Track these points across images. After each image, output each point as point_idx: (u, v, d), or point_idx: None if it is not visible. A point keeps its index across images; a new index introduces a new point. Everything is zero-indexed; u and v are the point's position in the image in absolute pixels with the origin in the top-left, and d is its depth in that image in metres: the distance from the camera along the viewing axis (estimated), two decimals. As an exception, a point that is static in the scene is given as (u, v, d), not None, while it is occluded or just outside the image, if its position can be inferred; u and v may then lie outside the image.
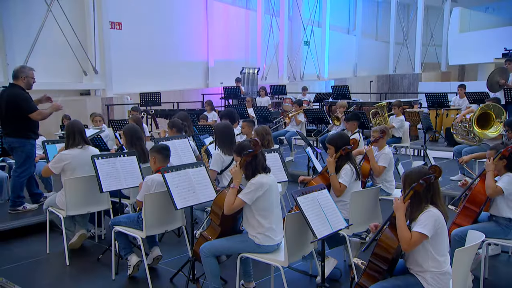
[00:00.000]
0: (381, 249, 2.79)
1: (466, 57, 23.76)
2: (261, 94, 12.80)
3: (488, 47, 21.92)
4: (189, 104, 14.62)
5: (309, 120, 9.20)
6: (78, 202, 4.81)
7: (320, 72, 21.61)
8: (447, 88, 21.68)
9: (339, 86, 11.97)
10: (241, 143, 3.67)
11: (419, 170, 2.87)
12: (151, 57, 15.28)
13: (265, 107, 10.43)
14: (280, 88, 14.47)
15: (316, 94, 13.64)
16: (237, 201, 3.50)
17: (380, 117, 8.72)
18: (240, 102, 12.46)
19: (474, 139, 7.22)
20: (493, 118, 6.94)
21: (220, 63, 17.82)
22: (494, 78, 9.70)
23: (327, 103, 12.10)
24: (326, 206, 3.41)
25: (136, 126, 5.44)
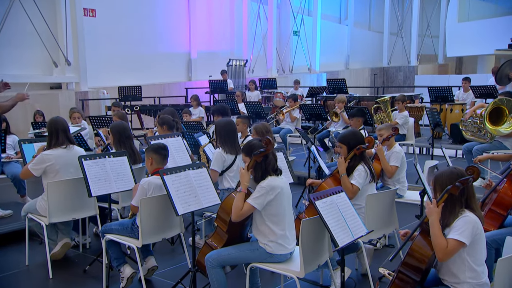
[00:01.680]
0: (413, 258, 2.75)
1: (465, 48, 24.06)
2: (251, 88, 12.72)
3: (488, 38, 22.23)
4: (171, 99, 14.45)
5: (306, 116, 9.15)
6: (62, 208, 4.68)
7: (311, 65, 21.62)
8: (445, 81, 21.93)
9: (334, 80, 11.96)
10: (251, 142, 3.60)
11: (451, 171, 2.84)
12: (129, 47, 15.05)
13: (257, 102, 10.35)
14: (270, 82, 14.41)
15: (310, 88, 13.62)
16: (245, 207, 3.42)
17: (383, 112, 8.73)
18: (228, 96, 12.36)
19: (485, 136, 7.26)
20: (506, 113, 6.98)
21: (203, 54, 17.67)
22: (505, 71, 9.82)
23: (322, 97, 12.08)
24: (346, 210, 3.36)
25: (124, 124, 5.33)
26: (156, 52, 16.11)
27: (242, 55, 18.78)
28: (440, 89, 10.68)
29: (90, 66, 13.70)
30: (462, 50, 24.48)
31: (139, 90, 12.05)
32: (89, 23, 13.69)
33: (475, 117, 7.54)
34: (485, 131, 7.25)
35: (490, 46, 22.77)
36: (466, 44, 23.61)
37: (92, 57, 13.80)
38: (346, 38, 24.56)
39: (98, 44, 14.03)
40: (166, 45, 16.56)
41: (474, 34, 23.06)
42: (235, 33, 19.14)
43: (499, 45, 22.18)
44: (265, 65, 19.91)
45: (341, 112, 8.93)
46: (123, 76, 14.68)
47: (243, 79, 15.95)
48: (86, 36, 13.42)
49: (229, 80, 13.94)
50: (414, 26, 25.68)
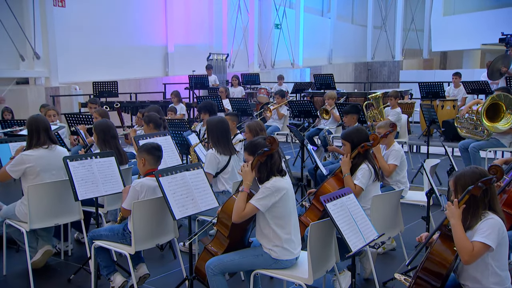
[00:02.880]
0: (433, 263, 2.74)
1: (450, 43, 24.41)
2: (234, 83, 12.65)
3: (474, 32, 22.60)
4: (149, 95, 14.28)
5: (294, 113, 9.13)
6: (44, 213, 4.54)
7: (294, 59, 21.64)
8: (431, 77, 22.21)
9: (321, 75, 11.98)
10: (254, 141, 3.54)
11: (472, 171, 2.83)
12: (102, 40, 14.80)
13: (242, 99, 10.29)
14: (252, 77, 14.36)
15: (295, 84, 13.61)
16: (248, 208, 3.37)
17: (375, 109, 8.76)
18: (211, 92, 12.26)
19: (482, 133, 7.34)
20: (503, 109, 7.08)
21: (181, 48, 17.52)
22: (496, 66, 9.97)
23: (308, 93, 12.08)
24: (356, 213, 3.34)
25: (109, 122, 5.23)
26: (131, 45, 15.90)
27: (221, 49, 18.68)
28: (430, 85, 10.78)
29: (60, 60, 13.43)
30: (448, 45, 24.84)
31: (115, 86, 11.85)
32: (59, 13, 13.41)
33: (471, 114, 7.61)
34: (482, 128, 7.32)
35: (476, 40, 23.16)
36: (452, 38, 23.94)
37: (63, 50, 13.53)
38: (329, 31, 24.68)
39: (69, 37, 13.76)
40: (141, 37, 16.35)
41: (460, 28, 23.40)
42: (214, 26, 19.02)
43: (486, 40, 22.60)
44: (246, 60, 19.86)
45: (332, 109, 8.94)
46: (96, 71, 14.44)
47: (224, 74, 15.87)
48: (56, 28, 13.15)
49: (213, 76, 13.82)
50: (398, 19, 25.95)
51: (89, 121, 7.51)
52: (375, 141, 4.29)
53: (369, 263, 4.44)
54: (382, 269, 4.57)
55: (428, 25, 26.68)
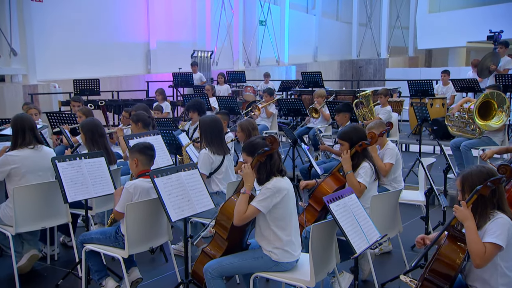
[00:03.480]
0: (441, 264, 2.73)
1: (436, 40, 24.62)
2: (220, 81, 12.59)
3: (460, 30, 22.82)
4: (131, 93, 14.13)
5: (284, 112, 9.12)
6: (31, 216, 4.46)
7: (279, 57, 21.63)
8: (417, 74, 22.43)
9: (309, 73, 11.99)
10: (252, 141, 3.51)
11: (479, 170, 2.84)
12: (82, 37, 14.61)
13: (230, 97, 10.25)
14: (238, 75, 14.31)
15: (282, 82, 13.61)
16: (249, 210, 3.34)
17: (365, 107, 8.80)
18: (196, 90, 12.19)
19: (474, 132, 7.42)
20: (494, 107, 7.16)
21: (163, 45, 17.39)
22: (486, 63, 10.09)
23: (296, 92, 12.08)
24: (358, 214, 3.34)
25: (96, 121, 5.16)
26: (111, 41, 15.72)
27: (205, 46, 18.58)
28: (419, 83, 10.84)
29: (39, 56, 13.23)
30: (433, 42, 25.04)
31: (96, 84, 11.71)
32: (37, 8, 13.20)
33: (462, 112, 7.68)
34: (474, 126, 7.40)
35: (462, 38, 23.40)
36: (437, 36, 24.15)
37: (41, 47, 13.33)
38: (314, 28, 24.73)
39: (48, 33, 13.56)
40: (122, 34, 16.18)
41: (446, 26, 23.61)
42: (198, 23, 18.92)
43: (472, 37, 22.86)
44: (230, 57, 19.80)
45: (321, 108, 8.95)
46: (76, 68, 14.26)
47: (209, 71, 15.80)
48: (34, 23, 12.93)
49: (199, 73, 13.74)
50: (384, 16, 26.10)
51: (73, 120, 7.41)
52: (373, 139, 4.29)
53: (367, 265, 4.45)
54: (379, 271, 4.57)
55: (414, 23, 26.88)
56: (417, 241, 3.01)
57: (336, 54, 25.93)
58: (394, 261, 4.91)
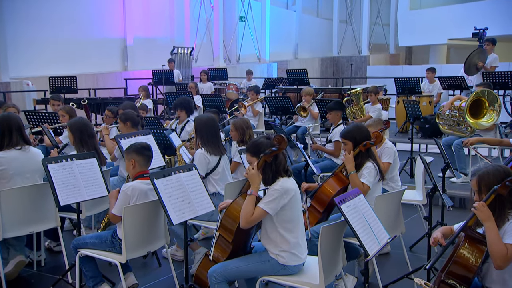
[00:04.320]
0: (459, 266, 2.74)
1: (417, 37, 24.94)
2: (203, 79, 12.51)
3: (441, 27, 23.14)
4: (109, 91, 13.95)
5: (271, 110, 9.10)
6: (18, 220, 4.36)
7: (260, 54, 21.61)
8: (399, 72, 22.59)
9: (295, 70, 11.98)
10: (256, 141, 3.48)
11: (495, 169, 2.86)
12: (55, 32, 14.34)
13: (216, 95, 10.18)
14: (219, 72, 14.25)
15: (266, 80, 13.59)
16: (257, 212, 3.31)
17: (355, 105, 8.84)
18: (178, 88, 12.08)
19: (465, 130, 7.51)
20: (485, 105, 7.26)
21: (140, 41, 17.22)
22: (473, 60, 10.22)
23: (281, 89, 12.08)
24: (368, 214, 3.33)
25: (85, 120, 5.07)
26: (86, 37, 15.47)
27: (184, 42, 18.45)
28: (406, 81, 10.96)
29: (11, 53, 12.95)
30: (415, 40, 25.35)
31: (73, 81, 11.52)
32: (8, 2, 12.92)
33: (453, 110, 7.77)
34: (465, 124, 7.49)
35: (443, 35, 23.73)
36: (419, 33, 24.45)
37: (13, 43, 13.05)
38: (294, 25, 24.78)
39: (20, 28, 13.28)
40: (98, 30, 15.95)
41: (427, 23, 23.91)
42: (176, 18, 18.78)
43: (453, 34, 23.20)
44: (209, 54, 19.70)
45: (309, 107, 8.96)
46: (50, 65, 14.01)
47: (189, 69, 15.69)
48: (5, 18, 12.65)
49: (176, 71, 13.63)
50: (364, 13, 26.29)
51: (53, 119, 7.26)
52: (377, 138, 4.29)
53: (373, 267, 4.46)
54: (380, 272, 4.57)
55: (394, 19, 27.17)
56: (432, 240, 3.01)
57: (317, 51, 26.04)
58: (394, 262, 4.93)
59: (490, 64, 10.50)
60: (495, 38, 10.99)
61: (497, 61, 10.71)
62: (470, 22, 21.02)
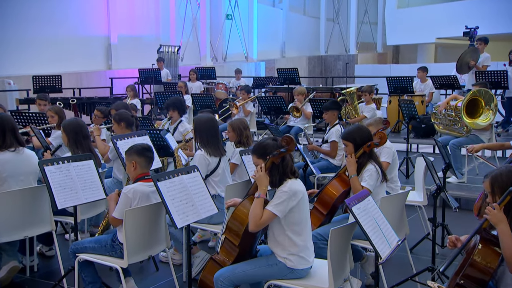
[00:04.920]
0: (475, 269, 2.74)
1: (405, 36, 25.12)
2: (192, 78, 12.45)
3: (429, 25, 23.34)
4: (94, 90, 13.80)
5: (264, 110, 9.09)
6: (12, 225, 4.28)
7: (247, 52, 21.59)
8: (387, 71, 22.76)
9: (285, 69, 11.98)
10: (263, 143, 3.46)
11: (508, 170, 2.88)
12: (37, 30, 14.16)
13: (207, 94, 10.14)
14: (207, 71, 14.20)
15: (255, 79, 13.58)
16: (265, 215, 3.29)
17: (349, 105, 8.87)
18: (167, 88, 12.01)
19: (461, 130, 7.57)
20: (482, 105, 7.33)
21: (125, 39, 17.10)
22: (465, 59, 10.32)
23: (271, 89, 12.07)
24: (378, 217, 3.33)
25: (80, 121, 5.03)
26: (69, 35, 15.31)
27: (169, 41, 18.36)
28: (398, 80, 11.01)
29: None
30: (402, 38, 25.55)
31: (58, 80, 11.38)
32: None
33: (449, 109, 7.83)
34: (461, 124, 7.55)
35: (431, 34, 23.95)
36: (407, 31, 24.63)
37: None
38: (281, 23, 24.81)
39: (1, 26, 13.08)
40: (81, 27, 15.79)
41: (415, 21, 24.10)
42: (161, 16, 18.69)
43: (441, 33, 23.42)
44: (195, 53, 19.64)
45: (302, 106, 8.96)
46: (33, 64, 13.84)
47: (176, 68, 15.62)
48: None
49: (165, 70, 13.55)
50: (352, 11, 26.41)
51: (42, 119, 7.16)
52: (382, 139, 4.30)
53: (370, 268, 4.46)
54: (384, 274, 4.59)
55: (382, 18, 27.34)
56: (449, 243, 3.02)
57: (304, 50, 26.10)
58: (396, 264, 4.94)
59: (482, 63, 10.61)
60: (487, 37, 11.11)
61: (489, 60, 10.83)
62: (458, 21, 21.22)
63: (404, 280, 4.23)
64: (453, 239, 3.03)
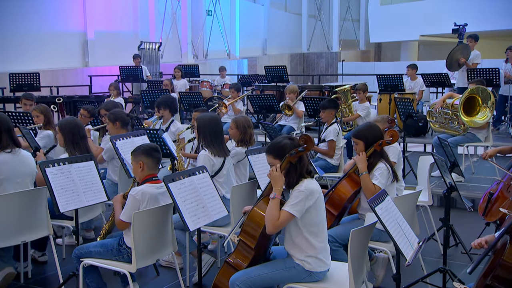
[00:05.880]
0: (506, 270, 2.77)
1: (388, 33, 25.29)
2: (177, 76, 12.38)
3: (413, 23, 23.56)
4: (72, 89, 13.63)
5: (255, 108, 9.08)
6: (9, 229, 4.20)
7: (230, 50, 21.55)
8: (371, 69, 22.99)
9: (273, 67, 12.00)
10: (279, 142, 3.44)
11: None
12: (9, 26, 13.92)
13: (196, 93, 10.09)
14: (191, 69, 14.14)
15: (241, 77, 13.56)
16: (283, 216, 3.29)
17: (343, 103, 8.92)
18: (151, 85, 11.92)
19: (458, 128, 7.67)
20: (479, 103, 7.45)
21: (102, 35, 16.94)
22: (455, 56, 10.47)
23: (258, 87, 12.07)
24: (398, 217, 3.36)
25: (77, 120, 4.97)
26: (43, 31, 15.10)
27: (149, 37, 18.23)
28: (389, 78, 11.09)
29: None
30: (386, 36, 25.70)
31: (36, 78, 11.23)
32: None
33: (445, 108, 7.92)
34: (458, 122, 7.65)
35: (415, 31, 24.18)
36: (390, 29, 24.80)
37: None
38: (262, 19, 24.82)
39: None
40: (55, 23, 15.58)
41: (399, 19, 24.29)
42: (139, 11, 18.54)
43: (425, 30, 23.67)
44: (175, 49, 19.52)
45: (294, 105, 8.99)
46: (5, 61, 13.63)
47: (157, 65, 15.51)
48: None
49: (144, 67, 13.44)
50: (335, 8, 26.52)
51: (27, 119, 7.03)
52: (394, 137, 4.33)
53: (380, 270, 4.50)
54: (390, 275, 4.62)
55: (364, 15, 27.53)
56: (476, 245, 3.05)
57: (286, 47, 26.16)
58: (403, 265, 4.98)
59: (472, 61, 10.77)
60: (477, 35, 11.28)
61: (479, 57, 11.01)
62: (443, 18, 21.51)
63: (415, 282, 4.27)
64: (482, 243, 3.05)
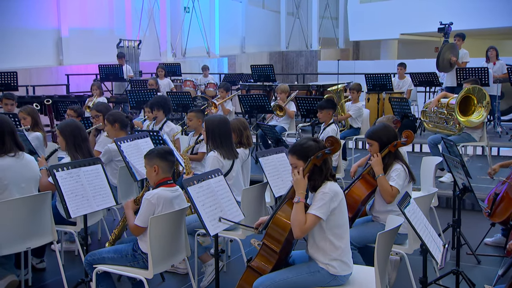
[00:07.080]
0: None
1: (368, 32, 25.59)
2: (160, 75, 12.30)
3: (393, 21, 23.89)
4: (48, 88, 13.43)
5: (245, 108, 9.10)
6: (14, 235, 4.15)
7: (209, 48, 21.52)
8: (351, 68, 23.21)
9: (260, 66, 12.03)
10: (304, 144, 3.47)
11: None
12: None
13: (185, 93, 10.05)
14: (172, 68, 14.07)
15: (226, 75, 13.56)
16: (309, 219, 3.32)
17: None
18: (134, 85, 11.83)
19: (453, 128, 7.82)
20: (474, 102, 7.61)
21: (77, 32, 16.79)
22: (446, 56, 10.63)
23: (244, 86, 12.10)
24: (423, 219, 3.42)
25: (78, 122, 4.92)
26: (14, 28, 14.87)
27: (125, 35, 18.09)
28: (377, 77, 11.22)
29: None
30: (366, 34, 25.99)
31: (13, 77, 11.03)
32: None
33: (440, 107, 8.07)
34: (453, 122, 7.80)
35: (395, 30, 24.51)
36: (370, 27, 25.09)
37: None
38: (240, 17, 24.85)
39: None
40: (27, 19, 15.37)
41: (378, 17, 24.58)
42: (115, 7, 18.40)
43: (405, 29, 24.01)
44: (153, 47, 19.42)
45: (285, 105, 9.03)
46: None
47: (137, 63, 15.41)
48: None
49: (127, 66, 13.34)
50: (313, 5, 26.70)
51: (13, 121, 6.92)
52: (409, 138, 4.41)
53: (391, 272, 4.57)
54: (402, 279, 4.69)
55: (344, 13, 27.79)
56: (508, 250, 3.13)
57: (264, 45, 26.25)
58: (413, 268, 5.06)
59: (461, 60, 10.96)
60: (464, 33, 11.49)
61: (467, 56, 11.20)
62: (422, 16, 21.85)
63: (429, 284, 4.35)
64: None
